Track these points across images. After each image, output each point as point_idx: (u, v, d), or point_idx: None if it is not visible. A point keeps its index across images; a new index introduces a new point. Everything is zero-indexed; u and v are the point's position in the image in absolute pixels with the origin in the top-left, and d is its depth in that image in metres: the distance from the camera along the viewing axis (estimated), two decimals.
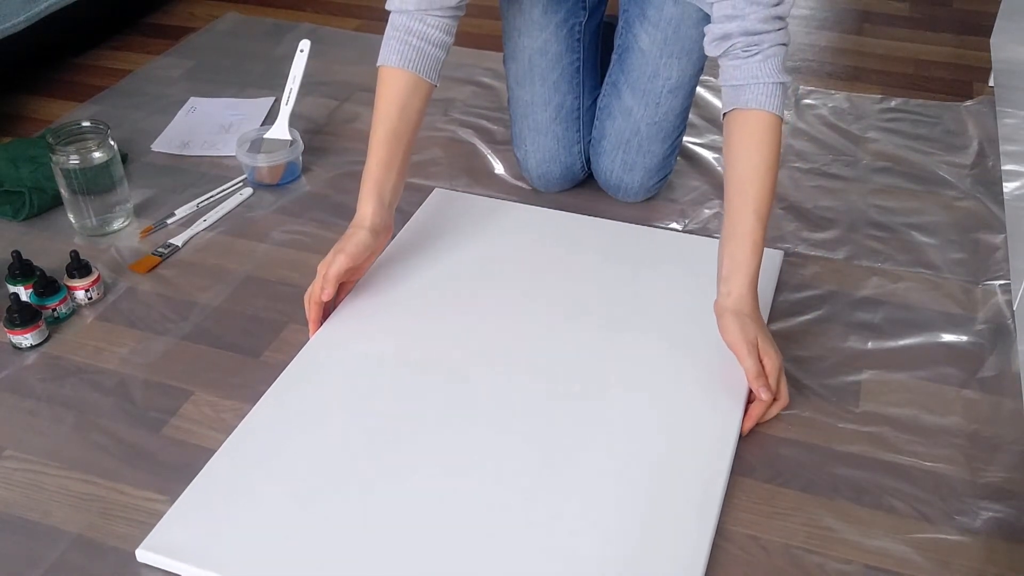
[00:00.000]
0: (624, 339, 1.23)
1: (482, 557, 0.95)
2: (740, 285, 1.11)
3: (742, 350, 1.09)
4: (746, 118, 1.13)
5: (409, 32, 1.24)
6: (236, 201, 1.54)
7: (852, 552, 0.98)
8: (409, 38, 1.24)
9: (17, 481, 1.07)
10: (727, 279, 1.12)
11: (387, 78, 1.25)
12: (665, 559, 0.95)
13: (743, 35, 1.12)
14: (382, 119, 1.26)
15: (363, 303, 1.29)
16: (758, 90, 1.12)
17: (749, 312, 1.10)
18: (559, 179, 1.53)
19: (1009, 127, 1.61)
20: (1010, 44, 1.79)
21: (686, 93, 1.45)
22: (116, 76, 1.95)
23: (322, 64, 1.97)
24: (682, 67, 1.42)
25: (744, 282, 1.11)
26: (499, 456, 1.06)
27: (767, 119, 1.12)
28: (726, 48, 1.14)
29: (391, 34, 1.25)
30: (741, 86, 1.13)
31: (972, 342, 1.25)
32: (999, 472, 1.07)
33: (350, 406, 1.13)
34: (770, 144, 1.12)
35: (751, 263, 1.11)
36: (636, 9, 1.44)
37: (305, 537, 0.97)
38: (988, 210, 1.50)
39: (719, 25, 1.14)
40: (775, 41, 1.13)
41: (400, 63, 1.24)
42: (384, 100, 1.26)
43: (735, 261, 1.11)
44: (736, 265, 1.11)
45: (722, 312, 1.11)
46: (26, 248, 1.36)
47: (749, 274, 1.11)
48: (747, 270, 1.11)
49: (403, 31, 1.24)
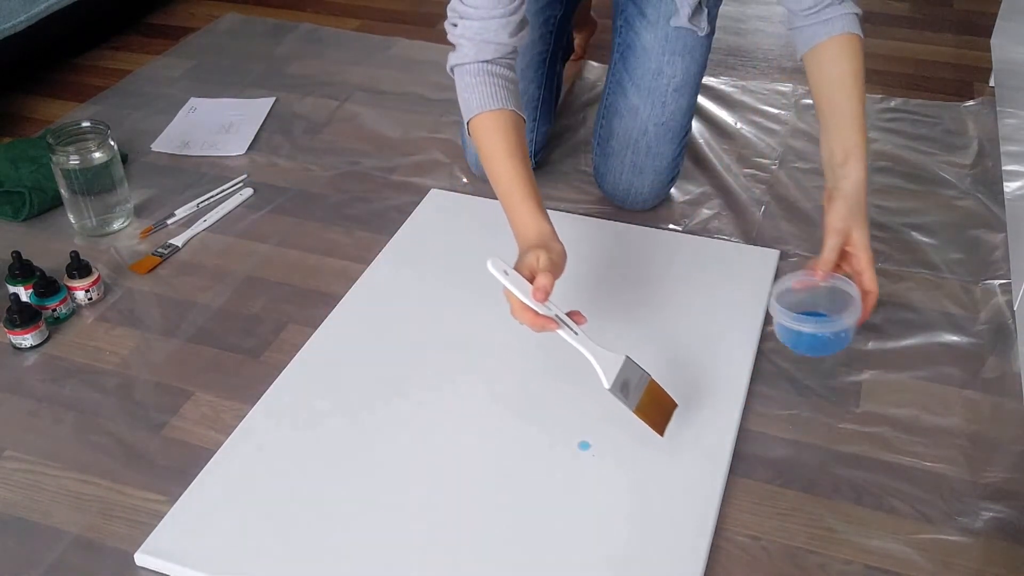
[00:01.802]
0: (624, 339, 1.22)
1: (481, 558, 0.95)
2: (857, 168, 1.16)
3: (831, 233, 1.13)
4: (840, 40, 1.21)
5: (492, 75, 1.17)
6: (236, 201, 1.54)
7: (853, 552, 0.98)
8: (493, 80, 1.17)
9: (17, 481, 1.07)
10: (843, 163, 1.16)
11: (490, 119, 1.16)
12: (665, 559, 0.95)
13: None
14: (498, 148, 1.14)
15: (362, 304, 1.29)
16: (847, 20, 1.21)
17: (860, 202, 1.15)
18: None
19: (1010, 127, 1.61)
20: (1010, 44, 1.79)
21: (691, 92, 1.45)
22: (116, 76, 1.95)
23: (322, 64, 1.98)
24: (686, 65, 1.42)
25: (860, 166, 1.16)
26: (498, 457, 1.06)
27: (856, 40, 1.21)
28: (826, 5, 1.20)
29: (471, 82, 1.17)
30: (831, 20, 1.20)
31: (972, 342, 1.25)
32: (1000, 472, 1.07)
33: (350, 407, 1.13)
34: (861, 59, 1.21)
35: (865, 148, 1.17)
36: (633, 8, 1.44)
37: (304, 539, 0.97)
38: (988, 210, 1.50)
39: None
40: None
41: (498, 104, 1.16)
42: (494, 135, 1.15)
43: (849, 146, 1.17)
44: (850, 149, 1.16)
45: (835, 197, 1.15)
46: (26, 248, 1.36)
47: (864, 158, 1.16)
48: (862, 153, 1.16)
49: (484, 75, 1.17)
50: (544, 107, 1.55)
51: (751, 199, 1.53)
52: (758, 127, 1.73)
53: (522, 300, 1.00)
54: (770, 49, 2.03)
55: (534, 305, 1.00)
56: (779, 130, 1.72)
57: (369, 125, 1.76)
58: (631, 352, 1.20)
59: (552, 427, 1.10)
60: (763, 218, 1.49)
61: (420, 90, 1.87)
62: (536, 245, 1.06)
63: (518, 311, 1.01)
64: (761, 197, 1.54)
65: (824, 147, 1.20)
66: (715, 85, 1.86)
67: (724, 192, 1.55)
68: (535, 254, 1.03)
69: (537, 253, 1.03)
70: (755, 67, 1.96)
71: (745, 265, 1.36)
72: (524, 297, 1.00)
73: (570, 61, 1.92)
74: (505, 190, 1.13)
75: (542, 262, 1.02)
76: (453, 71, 1.20)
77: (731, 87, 1.87)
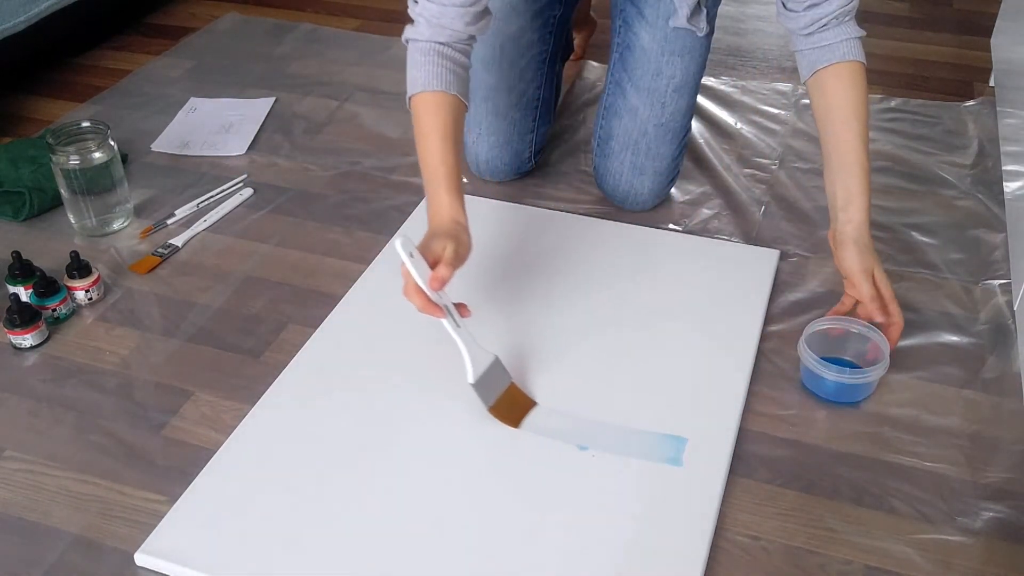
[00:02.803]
0: (624, 339, 1.22)
1: (480, 558, 0.95)
2: (859, 211, 1.18)
3: (859, 278, 1.16)
4: (841, 69, 1.22)
5: (443, 56, 1.18)
6: (236, 201, 1.54)
7: (853, 553, 0.98)
8: (443, 62, 1.18)
9: (17, 481, 1.07)
10: (845, 208, 1.19)
11: (431, 99, 1.17)
12: (665, 559, 0.95)
13: (839, 10, 1.20)
14: (434, 129, 1.16)
15: (362, 304, 1.29)
16: (848, 45, 1.22)
17: (867, 242, 1.18)
18: (507, 166, 1.54)
19: (1010, 127, 1.61)
20: (1010, 44, 1.79)
21: (691, 92, 1.45)
22: (116, 76, 1.95)
23: (322, 64, 1.98)
24: (685, 65, 1.42)
25: (862, 208, 1.18)
26: (498, 457, 1.06)
27: (859, 67, 1.22)
28: (821, 26, 1.21)
29: (420, 60, 1.18)
30: (831, 45, 1.22)
31: (972, 342, 1.25)
32: (1000, 472, 1.07)
33: (349, 407, 1.13)
34: (864, 86, 1.22)
35: (867, 190, 1.19)
36: (632, 8, 1.44)
37: (304, 539, 0.97)
38: (988, 210, 1.50)
39: (810, 12, 1.21)
40: (855, 5, 1.22)
41: (442, 86, 1.17)
42: (432, 116, 1.17)
43: (851, 190, 1.19)
44: (852, 194, 1.18)
45: (843, 241, 1.18)
46: (26, 248, 1.36)
47: (865, 201, 1.18)
48: (863, 198, 1.18)
49: (435, 55, 1.18)
50: (544, 107, 1.55)
51: (751, 199, 1.53)
52: (758, 127, 1.73)
53: (419, 283, 1.03)
54: (770, 49, 2.03)
55: (428, 291, 1.04)
56: (779, 130, 1.72)
57: (369, 125, 1.76)
58: (630, 351, 1.21)
59: (551, 427, 1.10)
60: (763, 218, 1.49)
61: None
62: (447, 233, 1.09)
63: (411, 292, 1.04)
64: (761, 197, 1.54)
65: (827, 184, 1.23)
66: (715, 85, 1.86)
67: (724, 192, 1.55)
68: (443, 243, 1.06)
69: (445, 242, 1.06)
70: (755, 67, 1.96)
71: (745, 265, 1.36)
72: (420, 281, 1.03)
73: (570, 61, 1.92)
74: (431, 172, 1.15)
75: (448, 252, 1.05)
76: (407, 43, 1.21)
77: (731, 87, 1.87)
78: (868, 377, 1.14)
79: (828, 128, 1.23)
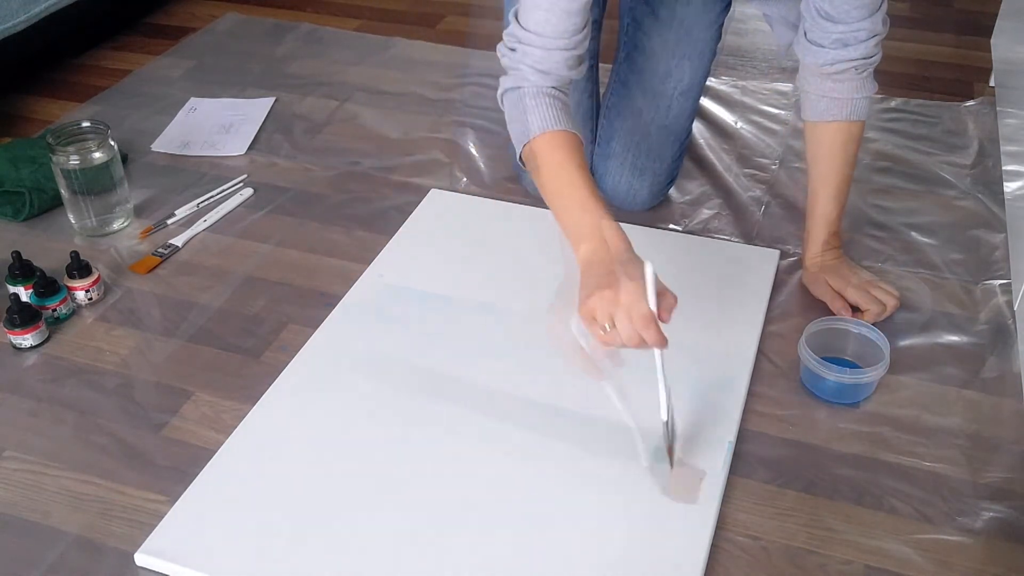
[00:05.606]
0: None
1: (481, 558, 0.95)
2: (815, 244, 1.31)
3: (827, 300, 1.28)
4: (846, 130, 1.25)
5: (553, 98, 1.13)
6: (236, 201, 1.54)
7: (853, 552, 0.98)
8: (556, 103, 1.13)
9: (17, 481, 1.07)
10: (805, 243, 1.33)
11: (556, 137, 1.10)
12: (665, 559, 0.95)
13: (862, 59, 1.20)
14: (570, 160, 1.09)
15: (362, 304, 1.29)
16: (860, 104, 1.24)
17: (836, 265, 1.30)
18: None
19: (1010, 127, 1.61)
20: (1010, 44, 1.79)
21: (696, 95, 1.45)
22: (116, 76, 1.95)
23: (322, 64, 1.98)
24: (693, 69, 1.41)
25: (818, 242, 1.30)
26: (499, 458, 1.06)
27: (861, 126, 1.26)
28: (840, 71, 1.20)
29: (531, 104, 1.12)
30: (843, 100, 1.23)
31: (972, 342, 1.25)
32: (1000, 472, 1.07)
33: (349, 407, 1.13)
34: (858, 143, 1.28)
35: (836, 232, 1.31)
36: (644, 7, 1.43)
37: (304, 539, 0.97)
38: (988, 210, 1.50)
39: (835, 51, 1.19)
40: (878, 60, 1.22)
41: (562, 126, 1.11)
42: (563, 151, 1.09)
43: (810, 232, 1.32)
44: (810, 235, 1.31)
45: (814, 270, 1.31)
46: (26, 248, 1.36)
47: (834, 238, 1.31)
48: (816, 245, 1.31)
49: (546, 98, 1.12)
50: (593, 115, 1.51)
51: (751, 199, 1.53)
52: (758, 127, 1.73)
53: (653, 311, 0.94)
54: (770, 49, 2.03)
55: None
56: (779, 130, 1.72)
57: (369, 125, 1.76)
58: (630, 350, 1.21)
59: (552, 427, 1.10)
60: (763, 218, 1.49)
61: (420, 90, 1.87)
62: (634, 259, 0.99)
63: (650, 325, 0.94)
64: (761, 197, 1.54)
65: (807, 220, 1.32)
66: (715, 85, 1.86)
67: (724, 192, 1.55)
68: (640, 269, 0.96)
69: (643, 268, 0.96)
70: (755, 67, 1.96)
71: (745, 265, 1.36)
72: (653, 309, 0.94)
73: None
74: (580, 201, 1.06)
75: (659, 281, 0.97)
76: (505, 95, 1.16)
77: (731, 87, 1.87)
78: (868, 377, 1.14)
79: (815, 176, 1.29)
